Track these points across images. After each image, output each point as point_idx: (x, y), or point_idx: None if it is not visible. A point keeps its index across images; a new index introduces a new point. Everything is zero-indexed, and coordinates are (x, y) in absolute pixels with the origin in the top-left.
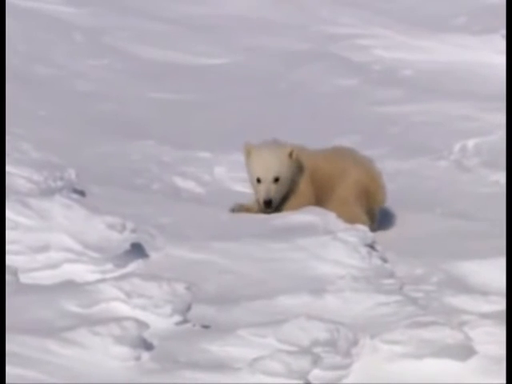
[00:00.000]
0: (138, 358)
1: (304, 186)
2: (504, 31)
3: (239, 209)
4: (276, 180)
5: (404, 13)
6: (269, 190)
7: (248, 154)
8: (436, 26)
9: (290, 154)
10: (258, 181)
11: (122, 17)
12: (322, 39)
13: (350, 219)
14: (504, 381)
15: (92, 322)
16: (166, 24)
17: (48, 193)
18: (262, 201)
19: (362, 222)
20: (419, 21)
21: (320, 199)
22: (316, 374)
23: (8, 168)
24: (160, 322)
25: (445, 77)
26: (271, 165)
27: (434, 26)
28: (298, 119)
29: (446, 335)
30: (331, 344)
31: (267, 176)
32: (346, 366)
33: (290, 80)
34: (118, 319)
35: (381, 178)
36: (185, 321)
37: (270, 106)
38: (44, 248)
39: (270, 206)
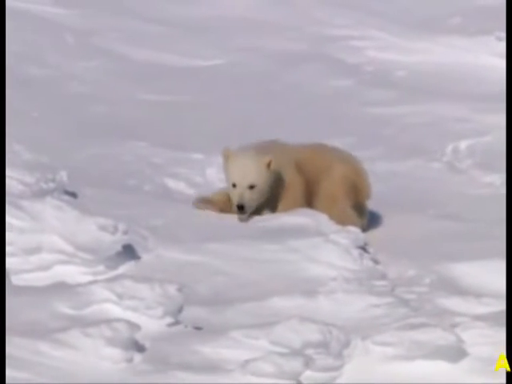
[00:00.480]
0: (129, 360)
1: (293, 178)
2: (498, 33)
3: (202, 202)
4: (251, 187)
5: (398, 14)
6: (243, 195)
7: (226, 158)
8: (430, 28)
9: (268, 164)
10: (234, 186)
11: (114, 18)
12: (316, 40)
13: (341, 218)
14: (495, 381)
15: (84, 323)
16: (159, 25)
17: (40, 194)
18: (235, 205)
19: (353, 221)
20: (413, 22)
21: (307, 192)
22: (308, 375)
23: None
24: (152, 323)
25: (438, 78)
26: (247, 172)
27: (427, 28)
28: (292, 120)
29: (438, 337)
30: (323, 346)
31: (242, 182)
32: (338, 368)
33: (284, 81)
34: (109, 321)
35: (365, 172)
36: (177, 322)
37: (264, 107)
38: (36, 250)
39: (243, 211)
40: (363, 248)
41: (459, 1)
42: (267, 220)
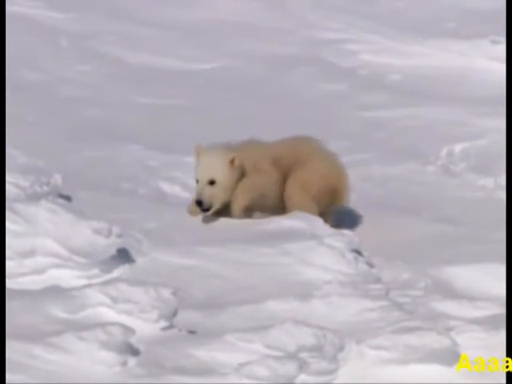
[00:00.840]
0: (124, 363)
1: (266, 166)
2: (493, 36)
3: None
4: (211, 183)
5: (392, 18)
6: (202, 191)
7: (196, 155)
8: (424, 31)
9: (232, 161)
10: (197, 181)
11: (109, 21)
12: (309, 44)
13: (302, 207)
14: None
15: (78, 327)
16: (154, 29)
17: (34, 198)
18: (194, 200)
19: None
20: (407, 26)
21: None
22: (302, 379)
23: None
24: (146, 327)
25: (432, 82)
26: (207, 167)
27: (422, 31)
28: (286, 124)
29: (433, 340)
30: (318, 349)
31: (202, 177)
32: (333, 371)
33: (278, 85)
34: (104, 324)
35: (347, 178)
36: (171, 326)
37: (257, 110)
38: (30, 253)
39: (201, 207)
40: (358, 251)
41: (454, 4)
42: (261, 223)
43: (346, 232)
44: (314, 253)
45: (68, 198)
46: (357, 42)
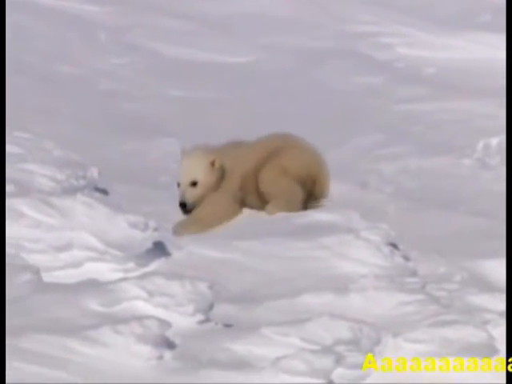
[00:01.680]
0: (160, 357)
1: (229, 186)
2: None
3: None
4: (193, 184)
5: (423, 10)
6: (184, 193)
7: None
8: (459, 24)
9: (212, 163)
10: (178, 185)
11: (145, 15)
12: (343, 37)
13: (284, 190)
14: None
15: (114, 320)
16: (188, 22)
17: (70, 191)
18: (179, 204)
19: (295, 196)
20: (439, 18)
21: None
22: (339, 372)
23: (30, 167)
24: (182, 320)
25: (468, 75)
26: (188, 169)
27: (456, 24)
28: (321, 117)
29: (469, 334)
30: (354, 343)
31: (184, 180)
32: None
33: (313, 78)
34: (140, 318)
35: (327, 169)
36: (207, 320)
37: (292, 104)
38: (66, 247)
39: (185, 209)
40: (394, 245)
41: None
42: (297, 217)
43: (381, 225)
44: (350, 246)
45: (104, 192)
46: (391, 35)
